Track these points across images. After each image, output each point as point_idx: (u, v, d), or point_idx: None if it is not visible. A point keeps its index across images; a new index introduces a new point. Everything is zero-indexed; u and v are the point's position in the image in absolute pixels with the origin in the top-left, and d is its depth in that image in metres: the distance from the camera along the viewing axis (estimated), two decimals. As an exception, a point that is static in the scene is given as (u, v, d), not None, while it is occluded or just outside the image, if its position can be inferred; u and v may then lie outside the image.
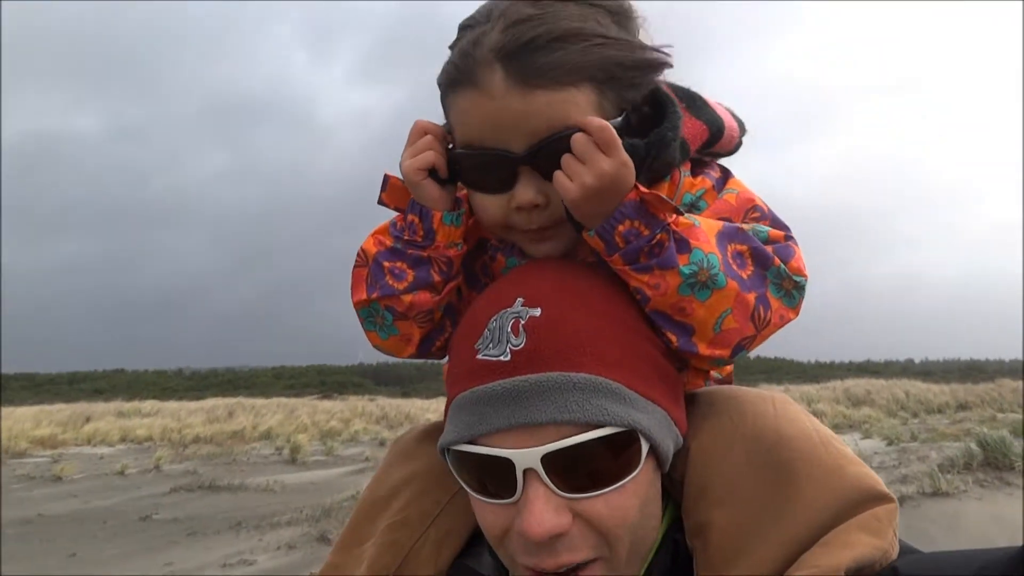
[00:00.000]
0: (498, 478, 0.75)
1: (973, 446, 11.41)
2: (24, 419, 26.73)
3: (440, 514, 0.93)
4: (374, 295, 0.94)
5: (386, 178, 0.94)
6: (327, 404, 36.83)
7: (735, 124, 1.00)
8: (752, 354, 0.93)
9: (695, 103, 0.95)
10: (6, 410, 31.97)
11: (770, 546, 0.73)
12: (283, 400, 38.12)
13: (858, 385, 34.72)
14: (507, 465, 0.73)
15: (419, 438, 1.02)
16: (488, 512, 0.78)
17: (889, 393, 30.56)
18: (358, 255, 0.98)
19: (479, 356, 0.77)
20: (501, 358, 0.75)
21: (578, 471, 0.73)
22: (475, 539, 0.88)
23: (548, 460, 0.72)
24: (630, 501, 0.75)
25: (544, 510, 0.72)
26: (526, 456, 0.72)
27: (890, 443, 16.49)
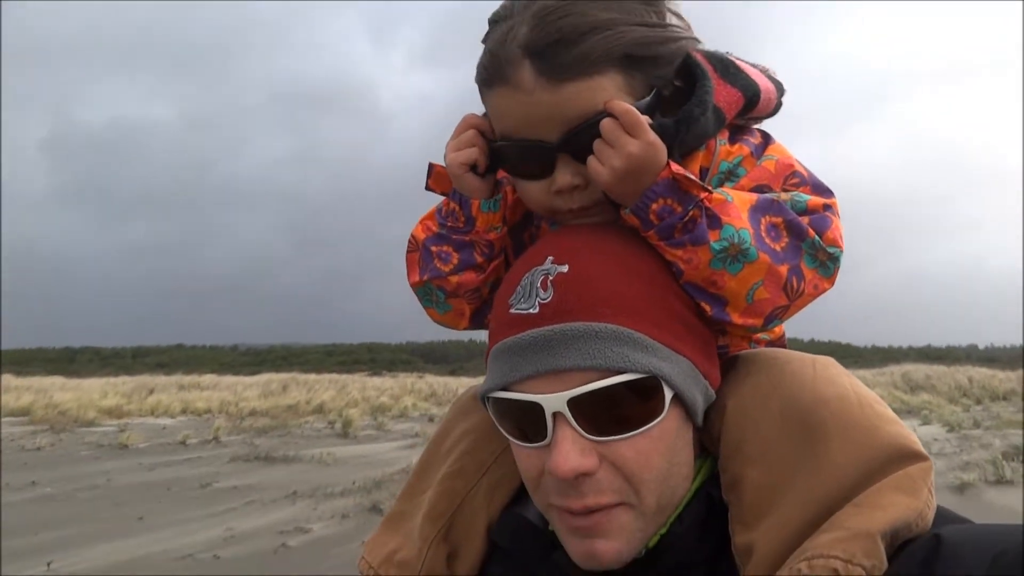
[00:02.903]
0: (531, 422, 0.79)
1: (1041, 434, 10.97)
2: (92, 390, 28.06)
3: (493, 464, 0.98)
4: (425, 277, 1.01)
5: (431, 166, 0.99)
6: (377, 381, 37.56)
7: (771, 87, 1.00)
8: (807, 338, 0.96)
9: (728, 70, 0.95)
10: (74, 382, 33.55)
11: (799, 504, 0.74)
12: (335, 376, 39.00)
13: (917, 370, 33.62)
14: (537, 409, 0.77)
15: (476, 395, 1.07)
16: (524, 456, 0.83)
17: (951, 379, 29.55)
18: (409, 241, 1.05)
19: (511, 310, 0.82)
20: (530, 311, 0.80)
21: (603, 415, 0.76)
22: (524, 489, 0.92)
23: (574, 404, 0.76)
24: (655, 447, 0.78)
25: (571, 450, 0.75)
26: (554, 400, 0.76)
27: (951, 430, 15.99)
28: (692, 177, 0.82)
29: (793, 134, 1.02)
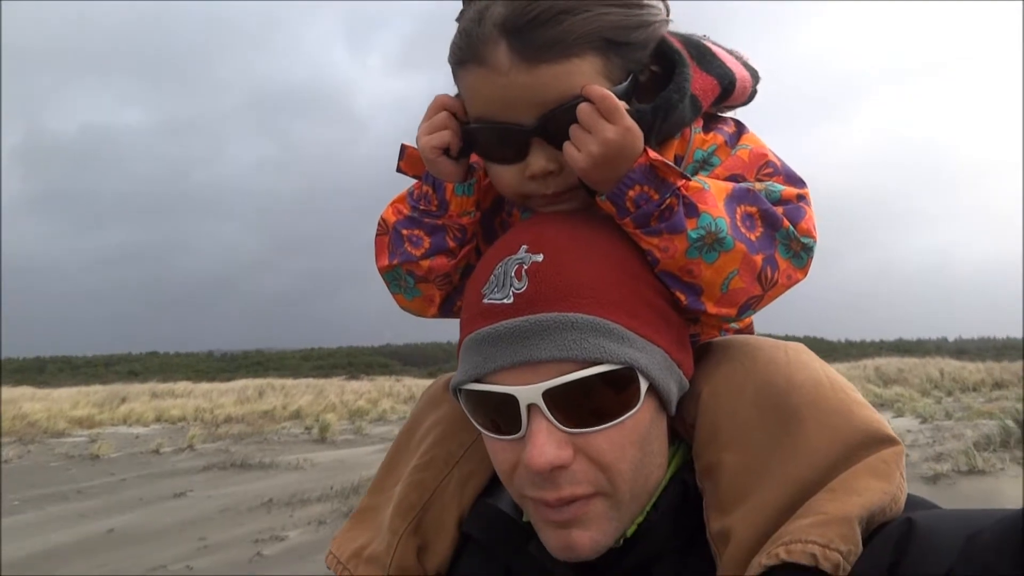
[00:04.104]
0: (505, 415, 0.78)
1: (1010, 423, 11.18)
2: (62, 400, 27.48)
3: (464, 456, 0.97)
4: (395, 261, 0.98)
5: (403, 148, 0.97)
6: (355, 384, 37.29)
7: (747, 75, 0.99)
8: (781, 333, 0.97)
9: (704, 57, 0.94)
10: (44, 392, 32.87)
11: (774, 488, 0.74)
12: (312, 381, 38.70)
13: (890, 364, 34.12)
14: (512, 401, 0.76)
15: (446, 385, 1.06)
16: (498, 449, 0.82)
17: (923, 371, 30.05)
18: (379, 224, 1.02)
19: (485, 300, 0.80)
20: (504, 301, 0.78)
21: (579, 407, 0.75)
22: (496, 479, 0.91)
23: (549, 395, 0.74)
24: (630, 437, 0.77)
25: (546, 443, 0.74)
26: (528, 392, 0.75)
27: (924, 421, 16.24)
28: (670, 163, 0.81)
29: (761, 132, 1.00)
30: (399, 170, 0.98)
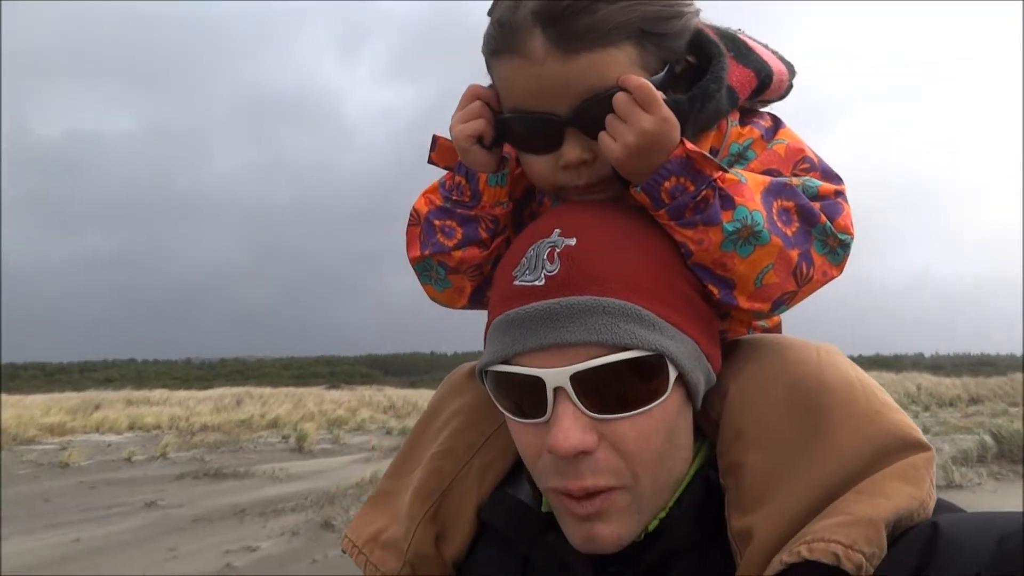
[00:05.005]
0: (531, 397, 0.77)
1: (987, 439, 11.26)
2: (34, 407, 26.91)
3: (484, 445, 0.96)
4: (427, 252, 0.98)
5: (435, 139, 0.97)
6: (335, 394, 36.96)
7: (783, 68, 0.98)
8: None
9: (740, 50, 0.94)
10: (15, 398, 32.22)
11: (801, 489, 0.73)
12: (291, 390, 38.27)
13: (868, 378, 34.36)
14: (538, 384, 0.75)
15: (469, 373, 1.06)
16: (522, 433, 0.81)
17: (900, 386, 30.26)
18: (411, 214, 1.01)
19: (516, 282, 0.80)
20: (536, 283, 0.77)
21: (606, 392, 0.74)
22: (516, 470, 0.92)
23: (577, 379, 0.73)
24: (656, 427, 0.76)
25: (572, 427, 0.73)
26: (556, 375, 0.74)
27: (901, 436, 16.31)
28: (707, 155, 0.80)
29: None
30: (430, 161, 0.98)
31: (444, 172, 0.98)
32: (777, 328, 1.05)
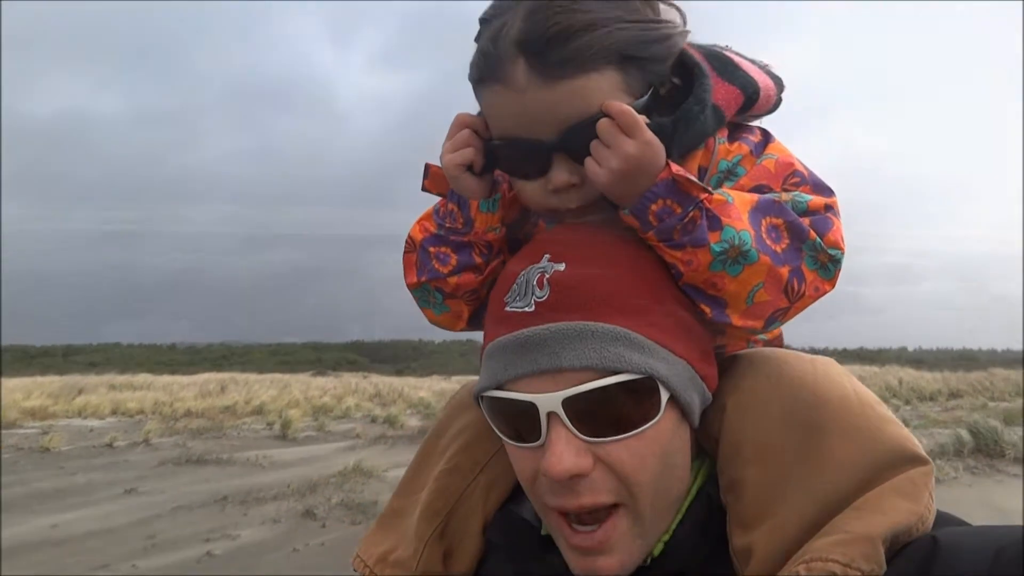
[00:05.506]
0: (525, 422, 0.78)
1: (964, 433, 11.41)
2: (15, 390, 26.67)
3: (489, 462, 0.98)
4: (423, 278, 0.99)
5: (427, 167, 0.97)
6: (321, 381, 36.88)
7: (771, 83, 0.98)
8: None
9: (727, 67, 0.94)
10: (-3, 381, 31.90)
11: (799, 505, 0.73)
12: (277, 376, 38.14)
13: (850, 371, 34.69)
14: (531, 409, 0.76)
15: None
16: (519, 457, 0.82)
17: (881, 380, 30.57)
18: (406, 242, 1.02)
19: (507, 308, 0.81)
20: (526, 309, 0.79)
21: (599, 416, 0.75)
22: (521, 487, 0.92)
23: (569, 404, 0.75)
24: (651, 448, 0.77)
25: (565, 451, 0.75)
26: (548, 400, 0.75)
27: (881, 429, 16.50)
28: (692, 178, 0.80)
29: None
30: (424, 189, 0.99)
31: (438, 199, 0.99)
32: (778, 340, 1.05)
